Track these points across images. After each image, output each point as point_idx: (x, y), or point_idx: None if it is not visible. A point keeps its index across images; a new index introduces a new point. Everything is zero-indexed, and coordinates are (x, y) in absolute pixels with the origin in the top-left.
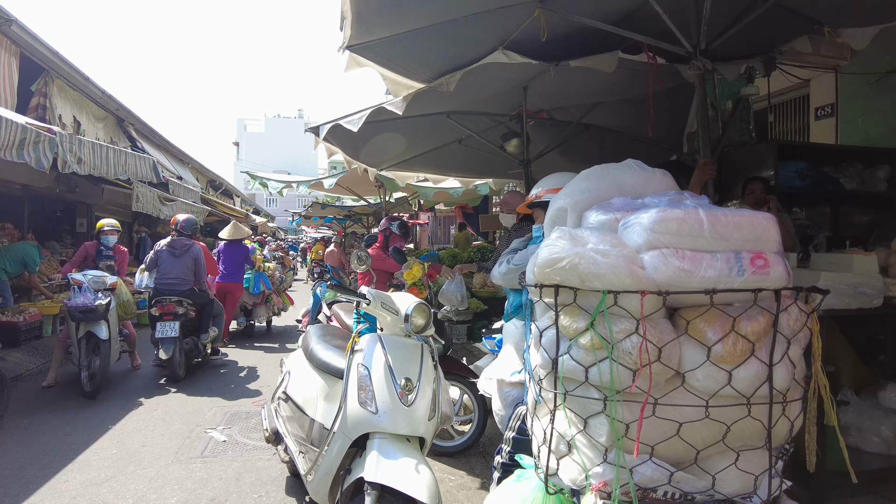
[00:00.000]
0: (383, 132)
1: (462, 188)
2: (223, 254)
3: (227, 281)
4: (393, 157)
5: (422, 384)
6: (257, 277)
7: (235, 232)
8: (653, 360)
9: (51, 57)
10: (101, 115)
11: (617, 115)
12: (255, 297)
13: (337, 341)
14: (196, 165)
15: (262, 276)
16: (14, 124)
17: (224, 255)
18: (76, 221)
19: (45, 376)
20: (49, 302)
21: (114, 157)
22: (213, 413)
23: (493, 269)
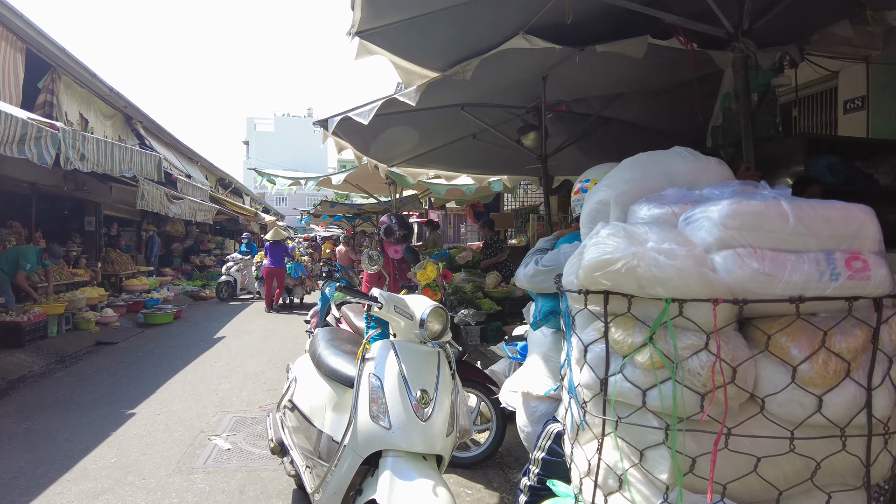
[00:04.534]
0: (394, 126)
1: (475, 185)
2: (269, 250)
3: (274, 267)
4: (404, 152)
5: (439, 396)
6: (296, 266)
7: (276, 234)
8: (727, 382)
9: (57, 53)
10: (108, 113)
11: (638, 108)
12: (294, 280)
13: (346, 346)
14: (205, 164)
15: (300, 265)
16: (14, 119)
17: (270, 251)
18: (84, 220)
19: (50, 378)
20: (54, 301)
21: (119, 154)
22: (218, 418)
23: (518, 270)
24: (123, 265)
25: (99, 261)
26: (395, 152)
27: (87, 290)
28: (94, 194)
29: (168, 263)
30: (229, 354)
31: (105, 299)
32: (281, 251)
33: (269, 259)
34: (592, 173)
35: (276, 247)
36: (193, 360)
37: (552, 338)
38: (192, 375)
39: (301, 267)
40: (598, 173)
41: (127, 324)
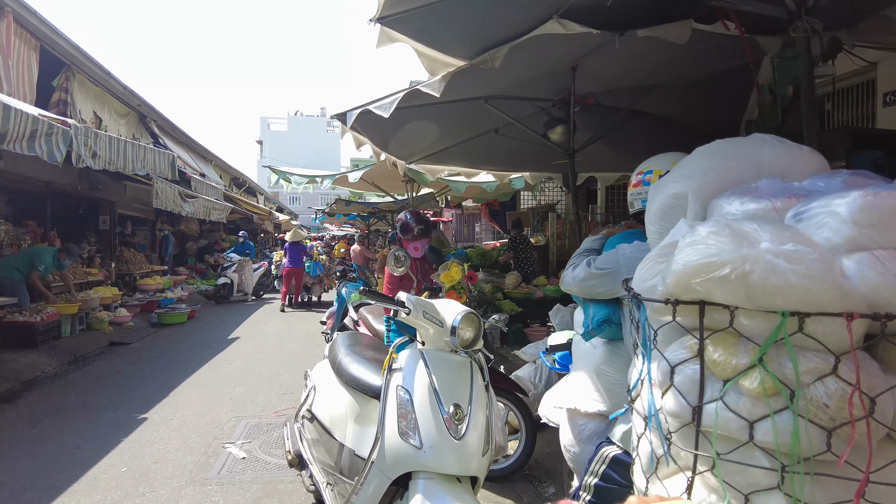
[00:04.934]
0: (414, 120)
1: (496, 182)
2: (288, 250)
3: (293, 266)
4: (423, 148)
5: (473, 410)
6: (314, 265)
7: (295, 235)
8: (862, 416)
9: (71, 51)
10: (123, 112)
11: (669, 101)
12: (313, 278)
13: (368, 352)
14: (219, 163)
15: (318, 264)
16: (24, 115)
17: (289, 251)
18: (99, 219)
19: (62, 379)
20: (67, 301)
21: (132, 152)
22: (232, 424)
23: (566, 273)
24: (137, 264)
25: (113, 260)
26: (414, 148)
27: (100, 289)
28: (109, 193)
29: (182, 262)
30: (244, 356)
31: (119, 299)
32: (300, 251)
33: (289, 259)
34: (656, 163)
35: (295, 247)
36: (207, 362)
37: (604, 349)
38: (205, 378)
39: (319, 266)
40: (661, 163)
41: (141, 324)
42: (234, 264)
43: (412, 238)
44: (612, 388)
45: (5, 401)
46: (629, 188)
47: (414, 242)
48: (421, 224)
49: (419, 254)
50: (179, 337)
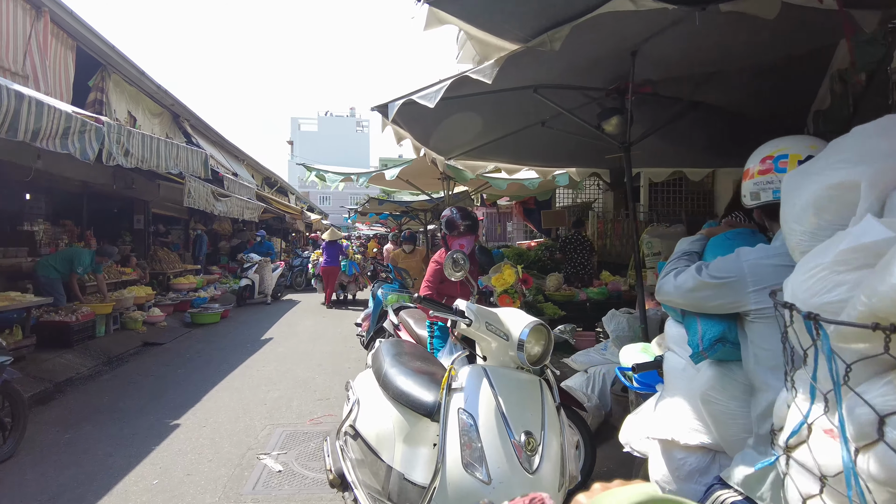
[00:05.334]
0: (458, 112)
1: (539, 179)
2: (325, 249)
3: (329, 265)
4: (465, 143)
5: (546, 438)
6: (350, 264)
7: (332, 235)
8: None
9: (107, 51)
10: (156, 111)
11: (733, 90)
12: (348, 277)
13: (416, 363)
14: (251, 163)
15: (353, 263)
16: (58, 111)
17: (326, 250)
18: (133, 218)
19: (96, 381)
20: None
21: (164, 150)
22: (267, 433)
23: (665, 282)
24: (171, 264)
25: (147, 259)
26: (455, 143)
27: (134, 289)
28: (143, 193)
29: (215, 262)
30: (277, 358)
31: (152, 298)
32: (336, 250)
33: (326, 257)
34: (789, 146)
35: (331, 246)
36: (240, 364)
37: (712, 372)
38: (238, 381)
39: (354, 265)
40: (796, 146)
41: (174, 323)
42: (255, 265)
43: (458, 235)
44: (722, 419)
45: (40, 402)
46: (745, 178)
47: (459, 239)
48: (467, 220)
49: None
50: (212, 337)
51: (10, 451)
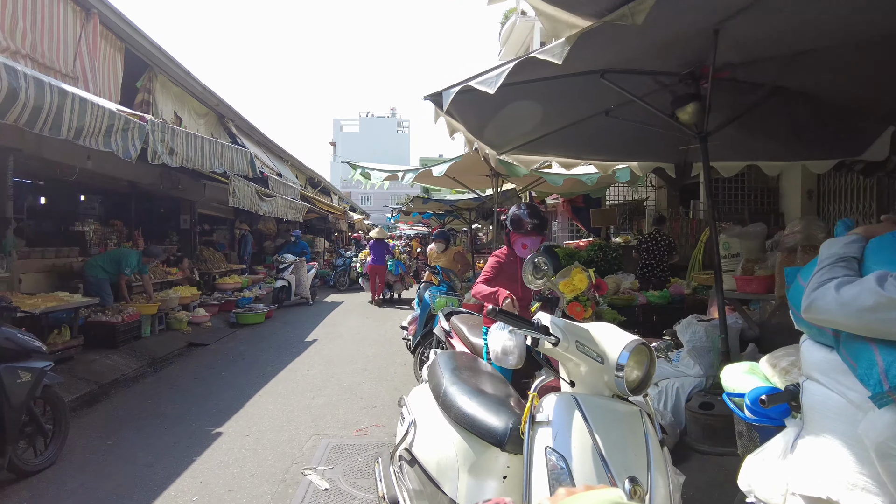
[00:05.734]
0: (516, 101)
1: (597, 174)
2: (372, 248)
3: (376, 264)
4: (520, 135)
5: (654, 484)
6: (396, 263)
7: (379, 234)
8: None
9: (154, 52)
10: (202, 112)
11: (823, 73)
12: (395, 276)
13: (479, 380)
14: (295, 163)
15: (399, 262)
16: (101, 108)
17: (373, 249)
18: (180, 218)
19: (140, 383)
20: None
21: (209, 149)
22: (312, 444)
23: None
24: (216, 263)
25: (193, 259)
26: (510, 135)
27: (179, 289)
28: (189, 193)
29: (260, 262)
30: (322, 361)
31: (198, 298)
32: (383, 249)
33: (372, 256)
34: None
35: (378, 245)
36: (284, 368)
37: (892, 417)
38: (283, 386)
39: (401, 264)
40: None
41: (219, 323)
42: (290, 265)
43: (524, 233)
44: None
45: (85, 405)
46: None
47: (524, 239)
48: (535, 218)
49: (527, 253)
50: (256, 338)
51: (51, 458)
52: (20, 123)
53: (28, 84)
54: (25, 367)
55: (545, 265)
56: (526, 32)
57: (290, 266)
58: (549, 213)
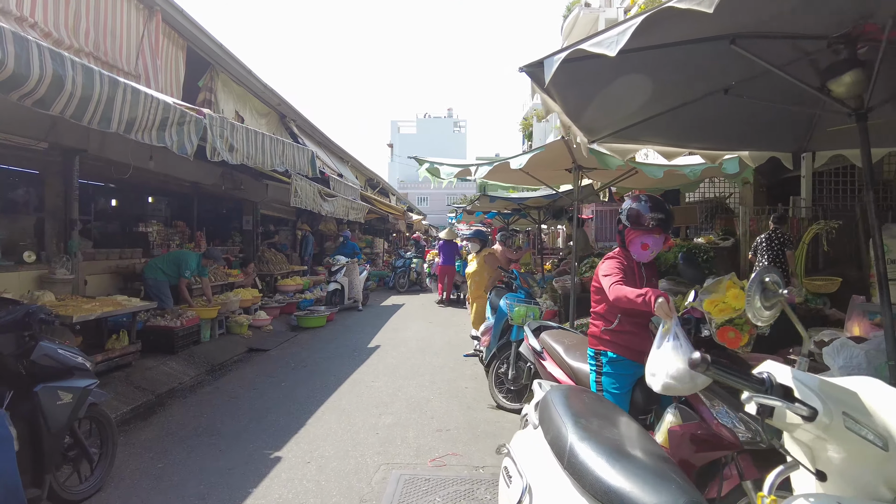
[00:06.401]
0: (628, 74)
1: (703, 165)
2: (441, 249)
3: (445, 265)
4: (621, 119)
5: None
6: (463, 264)
7: (449, 235)
8: None
9: (216, 50)
10: (263, 111)
11: None
12: (462, 277)
13: (618, 434)
14: (355, 164)
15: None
16: (155, 100)
17: (442, 250)
18: (243, 219)
19: (197, 394)
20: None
21: (270, 147)
22: (382, 476)
23: None
24: (278, 265)
25: (255, 260)
26: (611, 119)
27: (240, 291)
28: (251, 193)
29: (321, 262)
30: (386, 371)
31: (258, 301)
32: (452, 250)
33: (442, 257)
34: None
35: (447, 246)
36: (347, 378)
37: None
38: (346, 401)
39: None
40: None
41: (280, 326)
42: (343, 267)
43: (645, 231)
44: None
45: (139, 417)
46: None
47: (644, 237)
48: (660, 212)
49: (648, 256)
50: (318, 343)
51: (96, 485)
52: (67, 115)
53: (76, 72)
54: (66, 386)
55: (778, 286)
56: (590, 25)
57: (343, 268)
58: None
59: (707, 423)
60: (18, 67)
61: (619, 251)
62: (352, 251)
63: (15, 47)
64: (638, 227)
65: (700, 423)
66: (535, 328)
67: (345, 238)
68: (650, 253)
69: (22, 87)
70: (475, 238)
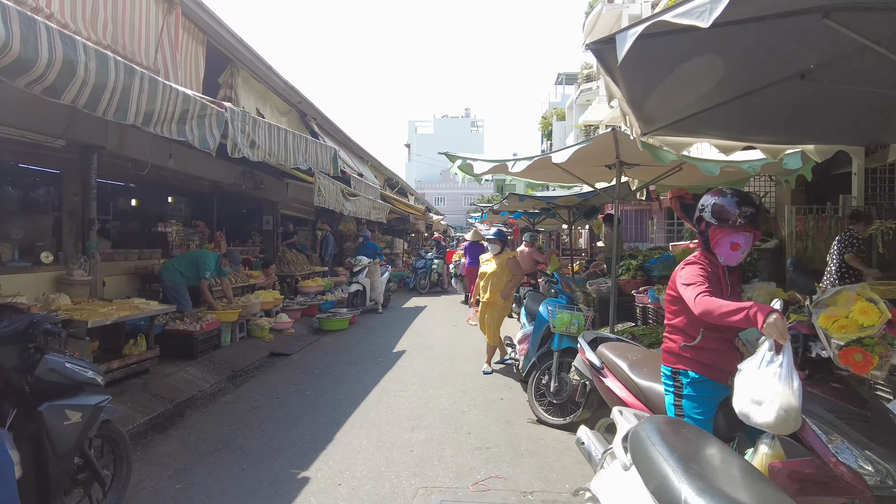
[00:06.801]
0: (698, 56)
1: (762, 161)
2: (468, 249)
3: (473, 266)
4: (685, 106)
5: None
6: None
7: (475, 236)
8: None
9: (237, 45)
10: (284, 109)
11: None
12: None
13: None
14: (375, 164)
15: None
16: (174, 91)
17: (469, 251)
18: (263, 219)
19: (217, 403)
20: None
21: (292, 143)
22: (420, 501)
23: None
24: (299, 266)
25: (275, 261)
26: (674, 106)
27: (261, 293)
28: (272, 193)
29: (341, 263)
30: (415, 380)
31: (280, 303)
32: (479, 251)
33: (469, 258)
34: None
35: (474, 247)
36: (375, 387)
37: None
38: (375, 413)
39: None
40: None
41: (301, 329)
42: (364, 268)
43: (732, 227)
44: None
45: (157, 429)
46: None
47: (732, 236)
48: (749, 206)
49: (739, 257)
50: (341, 348)
51: None
52: (79, 104)
53: (88, 57)
54: (75, 404)
55: None
56: (612, 22)
57: (365, 269)
58: (641, 213)
59: (822, 461)
60: (25, 50)
61: (701, 255)
62: (373, 252)
63: (21, 27)
64: (725, 224)
65: (812, 459)
66: (590, 339)
67: (365, 238)
68: (741, 254)
69: (29, 72)
70: (496, 239)
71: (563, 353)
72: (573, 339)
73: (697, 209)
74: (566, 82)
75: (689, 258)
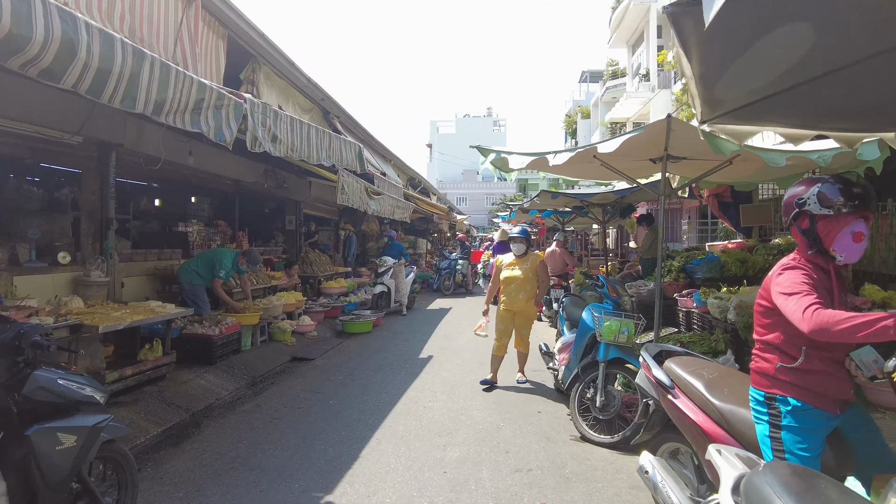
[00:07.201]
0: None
1: (834, 151)
2: (496, 250)
3: None
4: (759, 87)
5: None
6: None
7: (503, 235)
8: None
9: (258, 40)
10: (307, 107)
11: None
12: None
13: None
14: (398, 163)
15: None
16: (188, 79)
17: (497, 251)
18: (285, 219)
19: (235, 412)
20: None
21: (315, 138)
22: None
23: None
24: (322, 266)
25: (298, 262)
26: (749, 87)
27: (283, 295)
28: (295, 192)
29: (363, 263)
30: (444, 389)
31: (302, 305)
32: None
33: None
34: None
35: (502, 246)
36: (402, 396)
37: None
38: (403, 425)
39: None
40: None
41: (324, 332)
42: (390, 269)
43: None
44: None
45: (171, 442)
46: None
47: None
48: (859, 187)
49: (860, 250)
50: (365, 352)
51: None
52: (82, 89)
53: (91, 37)
54: (69, 426)
55: None
56: (640, 16)
57: (390, 270)
58: (672, 211)
59: None
60: (17, 26)
61: (800, 258)
62: (398, 252)
63: (12, 0)
64: (830, 211)
65: None
66: (655, 353)
67: (390, 238)
68: (864, 245)
69: (23, 51)
70: (522, 237)
71: (609, 363)
72: (620, 349)
73: (793, 206)
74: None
75: (785, 262)
